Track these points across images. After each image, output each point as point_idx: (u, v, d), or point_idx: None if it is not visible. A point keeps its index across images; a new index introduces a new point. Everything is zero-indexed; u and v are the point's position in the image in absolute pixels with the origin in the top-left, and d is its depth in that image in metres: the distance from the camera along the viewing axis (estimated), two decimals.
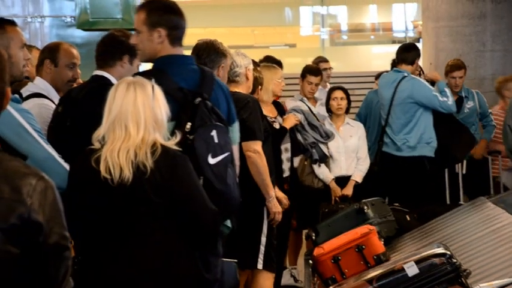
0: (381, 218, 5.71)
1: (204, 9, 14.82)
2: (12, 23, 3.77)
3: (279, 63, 7.08)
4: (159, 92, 3.37)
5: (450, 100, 7.31)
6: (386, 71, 8.18)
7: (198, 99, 3.63)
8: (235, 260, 4.51)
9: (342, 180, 6.93)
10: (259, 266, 5.38)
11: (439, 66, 9.05)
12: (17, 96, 3.68)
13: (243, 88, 5.48)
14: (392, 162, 7.29)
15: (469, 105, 8.08)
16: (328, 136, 6.88)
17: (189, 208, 3.33)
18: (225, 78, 4.80)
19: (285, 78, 6.86)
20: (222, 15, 14.89)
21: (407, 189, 7.12)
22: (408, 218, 5.98)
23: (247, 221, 5.26)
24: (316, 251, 5.11)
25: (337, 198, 6.80)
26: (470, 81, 8.93)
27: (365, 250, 4.94)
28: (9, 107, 3.31)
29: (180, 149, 3.34)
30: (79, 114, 4.07)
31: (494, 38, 9.18)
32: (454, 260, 4.16)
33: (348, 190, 6.89)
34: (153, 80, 3.40)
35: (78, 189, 3.32)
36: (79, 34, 8.41)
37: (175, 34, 3.85)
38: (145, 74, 3.73)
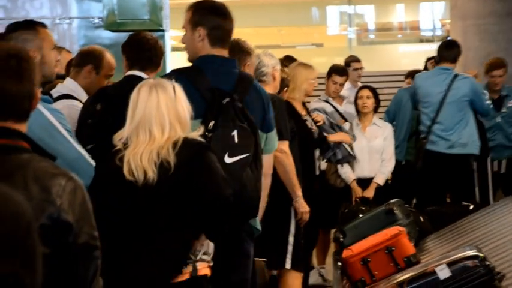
0: (408, 219, 5.59)
1: (231, 9, 14.84)
2: (42, 25, 3.81)
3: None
4: (180, 91, 3.39)
5: (488, 102, 7.35)
6: (417, 70, 8.17)
7: (226, 100, 3.65)
8: (264, 260, 4.53)
9: (364, 182, 6.89)
10: (287, 265, 5.38)
11: (467, 65, 9.00)
12: (47, 97, 3.71)
13: (269, 88, 5.47)
14: (440, 160, 7.22)
15: (510, 103, 8.00)
16: None
17: (204, 191, 3.31)
18: None
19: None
20: (248, 16, 14.90)
21: (455, 187, 7.14)
22: (422, 219, 5.90)
23: (274, 220, 5.26)
24: (345, 253, 5.02)
25: (357, 199, 6.78)
26: None
27: (395, 252, 4.84)
28: (40, 107, 3.34)
29: (203, 140, 3.36)
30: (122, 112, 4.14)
31: None
32: (488, 263, 4.04)
33: (369, 192, 6.85)
34: (173, 79, 3.42)
35: (101, 190, 3.34)
36: (106, 35, 8.45)
37: (215, 34, 3.89)
38: (182, 72, 3.80)
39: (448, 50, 7.45)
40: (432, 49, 12.11)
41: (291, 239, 5.38)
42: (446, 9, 13.37)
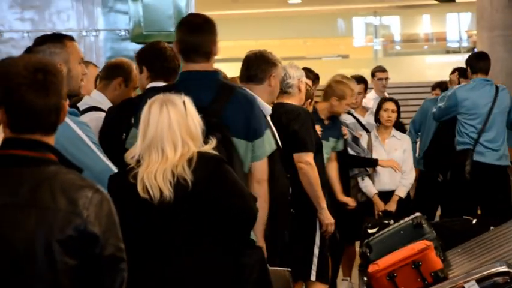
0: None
1: (256, 21, 14.87)
2: (70, 38, 3.82)
3: (316, 76, 7.07)
4: (190, 105, 3.37)
5: None
6: (444, 82, 8.20)
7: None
8: (289, 269, 4.51)
9: (386, 195, 6.86)
10: (313, 277, 5.37)
11: (493, 75, 8.92)
12: (74, 109, 3.73)
13: (295, 100, 5.48)
14: (489, 171, 7.20)
15: None
16: (363, 151, 6.87)
17: (229, 205, 3.32)
18: (277, 87, 4.81)
19: None
20: (273, 27, 14.92)
21: (492, 199, 7.12)
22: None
23: (300, 232, 5.26)
24: (371, 268, 4.90)
25: (380, 213, 6.75)
26: None
27: (422, 266, 4.71)
28: (67, 120, 3.36)
29: (217, 153, 3.37)
30: None
31: None
32: None
33: (392, 206, 6.81)
34: (182, 94, 3.42)
35: (117, 206, 3.35)
36: (133, 47, 8.49)
37: (183, 49, 3.94)
38: (157, 90, 3.79)
39: (483, 61, 7.45)
40: (458, 60, 12.07)
41: (316, 250, 5.37)
42: (472, 20, 13.31)
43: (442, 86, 8.50)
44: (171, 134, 3.30)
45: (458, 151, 7.27)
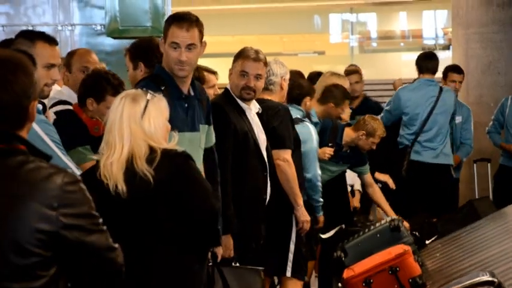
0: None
1: (233, 17, 14.85)
2: (47, 40, 3.75)
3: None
4: (154, 105, 3.38)
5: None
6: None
7: None
8: (262, 268, 4.51)
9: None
10: (288, 273, 5.37)
11: (469, 72, 8.99)
12: (39, 106, 3.68)
13: (276, 97, 5.47)
14: (425, 170, 7.38)
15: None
16: None
17: (191, 204, 3.34)
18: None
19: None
20: (250, 23, 14.91)
21: (436, 197, 7.26)
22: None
23: (276, 228, 5.26)
24: (346, 273, 4.73)
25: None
26: (501, 88, 8.87)
27: (399, 272, 4.54)
28: None
29: (182, 149, 3.37)
30: None
31: None
32: None
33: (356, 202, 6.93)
34: (148, 93, 3.41)
35: None
36: (109, 42, 8.46)
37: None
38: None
39: (431, 61, 7.61)
40: None
41: (292, 246, 5.37)
42: (448, 17, 13.37)
43: None
44: (119, 126, 3.31)
45: (397, 150, 7.38)
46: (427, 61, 7.66)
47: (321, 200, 5.75)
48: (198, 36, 4.06)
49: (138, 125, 3.33)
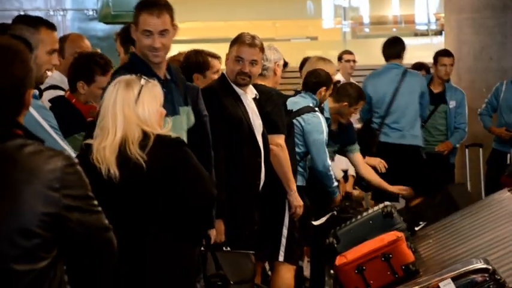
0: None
1: (226, 2, 14.80)
2: (50, 27, 3.78)
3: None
4: (148, 90, 3.41)
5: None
6: (423, 63, 8.35)
7: None
8: (252, 252, 4.53)
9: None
10: (281, 258, 5.39)
11: (461, 58, 9.00)
12: (36, 92, 3.70)
13: (269, 82, 5.50)
14: (393, 150, 7.52)
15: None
16: None
17: (187, 190, 3.37)
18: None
19: None
20: (243, 9, 14.86)
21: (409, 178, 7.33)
22: None
23: (269, 213, 5.27)
24: (338, 260, 4.67)
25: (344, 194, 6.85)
26: (493, 73, 8.88)
27: (392, 259, 4.48)
28: None
29: (176, 136, 3.38)
30: None
31: None
32: (498, 277, 3.66)
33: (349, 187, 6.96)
34: (142, 78, 3.43)
35: None
36: (101, 27, 8.44)
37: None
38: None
39: (393, 47, 7.86)
40: (426, 43, 12.13)
41: (284, 231, 5.39)
42: (440, 2, 13.35)
43: (423, 67, 8.66)
44: (113, 112, 3.33)
45: (368, 133, 7.47)
46: (390, 47, 7.86)
47: (335, 184, 5.88)
48: (170, 21, 4.05)
49: (132, 110, 3.34)
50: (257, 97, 5.06)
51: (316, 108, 5.88)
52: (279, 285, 5.39)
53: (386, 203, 5.25)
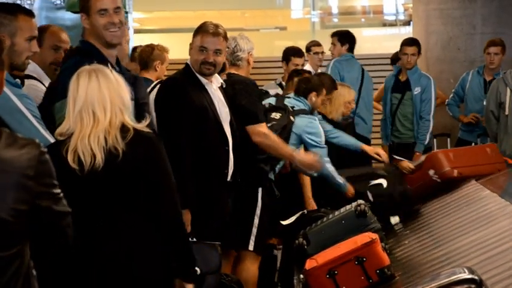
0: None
1: None
2: (28, 14, 3.76)
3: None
4: (118, 76, 3.43)
5: None
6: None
7: None
8: (218, 243, 4.53)
9: None
10: (251, 247, 5.40)
11: (429, 48, 9.06)
12: (17, 81, 3.69)
13: (242, 72, 5.52)
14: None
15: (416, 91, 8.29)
16: None
17: (157, 191, 3.39)
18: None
19: (275, 61, 6.88)
20: None
21: None
22: None
23: (241, 202, 5.28)
24: (308, 264, 4.33)
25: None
26: (460, 64, 8.95)
27: (366, 263, 4.18)
28: (8, 92, 3.35)
29: (152, 131, 3.41)
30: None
31: (484, 21, 9.19)
32: None
33: None
34: (109, 65, 3.45)
35: None
36: (69, 16, 8.37)
37: None
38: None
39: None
40: (395, 33, 12.18)
41: (256, 220, 5.40)
42: None
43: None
44: (101, 97, 3.32)
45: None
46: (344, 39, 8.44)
47: (339, 181, 5.98)
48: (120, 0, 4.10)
49: (118, 95, 3.35)
50: (223, 85, 5.05)
51: (311, 114, 6.01)
52: (243, 275, 5.39)
53: (360, 201, 4.96)
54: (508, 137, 7.38)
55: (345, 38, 8.48)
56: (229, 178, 4.99)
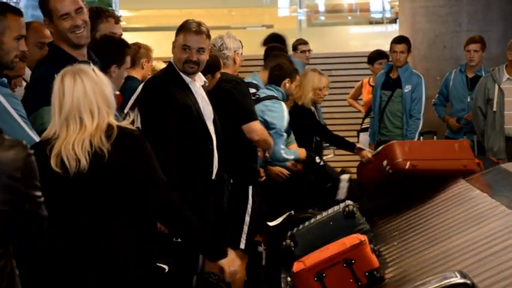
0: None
1: None
2: (17, 13, 3.75)
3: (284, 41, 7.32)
4: (100, 73, 3.41)
5: None
6: (382, 51, 8.47)
7: None
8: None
9: None
10: (242, 245, 5.40)
11: (416, 46, 9.07)
12: (4, 80, 3.67)
13: (229, 71, 5.54)
14: None
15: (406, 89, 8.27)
16: None
17: (146, 187, 3.38)
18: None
19: (262, 59, 6.87)
20: None
21: None
22: None
23: (233, 200, 5.28)
24: (296, 266, 4.25)
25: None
26: (446, 62, 8.97)
27: (355, 265, 4.09)
28: None
29: (136, 129, 3.40)
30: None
31: (470, 19, 9.22)
32: None
33: None
34: (91, 63, 3.43)
35: None
36: None
37: None
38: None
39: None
40: (381, 31, 12.20)
41: (247, 219, 5.41)
42: None
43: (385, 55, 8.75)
44: (88, 102, 3.30)
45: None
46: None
47: (288, 157, 5.94)
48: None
49: (103, 96, 3.33)
50: (206, 83, 5.03)
51: (279, 98, 5.96)
52: None
53: (348, 202, 4.89)
54: (495, 133, 7.42)
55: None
56: (213, 176, 4.98)
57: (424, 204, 5.40)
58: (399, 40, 8.24)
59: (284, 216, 5.57)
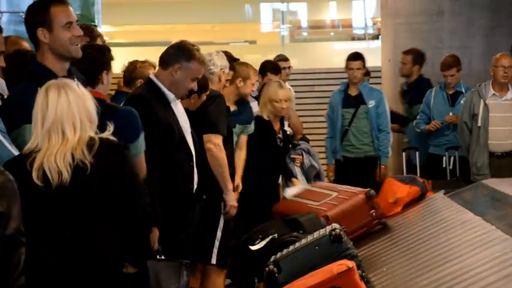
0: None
1: (164, 5, 14.75)
2: None
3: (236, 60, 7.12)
4: (84, 89, 3.43)
5: None
6: None
7: None
8: (187, 261, 4.47)
9: None
10: (213, 260, 5.41)
11: (397, 63, 9.12)
12: None
13: (213, 87, 5.53)
14: None
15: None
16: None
17: (127, 196, 3.38)
18: (181, 80, 4.86)
19: None
20: (181, 12, 14.83)
21: None
22: None
23: (205, 214, 5.27)
24: None
25: None
26: (429, 78, 9.01)
27: None
28: None
29: (116, 139, 3.39)
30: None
31: (452, 35, 9.28)
32: None
33: None
34: (75, 78, 3.43)
35: None
36: None
37: None
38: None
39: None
40: (363, 47, 12.25)
41: (218, 233, 5.42)
42: (377, 7, 13.53)
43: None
44: (71, 115, 3.31)
45: None
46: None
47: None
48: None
49: (85, 110, 3.34)
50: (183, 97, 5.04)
51: None
52: None
53: (335, 225, 4.61)
54: (479, 148, 7.47)
55: None
56: (193, 192, 4.97)
57: (413, 228, 5.28)
58: (354, 57, 8.23)
59: (267, 239, 5.18)
